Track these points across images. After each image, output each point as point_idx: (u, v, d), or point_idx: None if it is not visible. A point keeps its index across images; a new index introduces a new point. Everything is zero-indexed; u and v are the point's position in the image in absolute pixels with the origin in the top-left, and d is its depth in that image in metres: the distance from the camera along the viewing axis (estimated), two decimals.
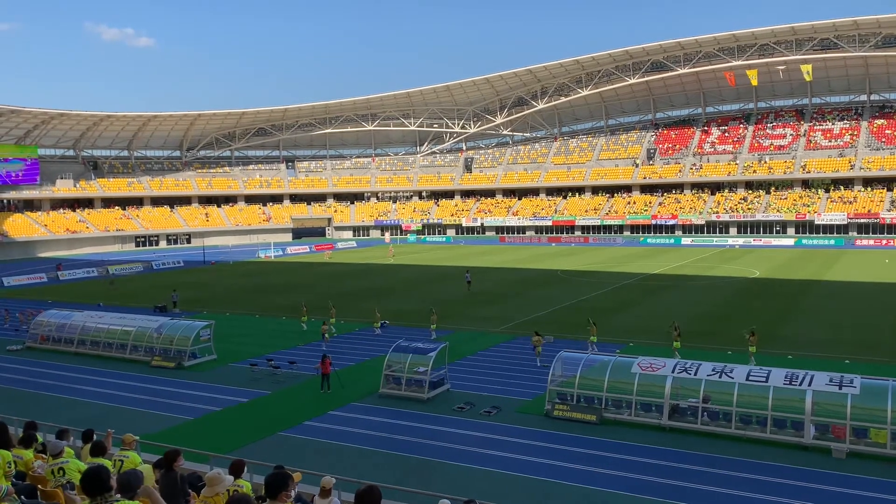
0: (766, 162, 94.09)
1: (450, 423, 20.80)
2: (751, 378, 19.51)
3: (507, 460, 17.75)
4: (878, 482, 15.94)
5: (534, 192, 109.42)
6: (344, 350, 30.83)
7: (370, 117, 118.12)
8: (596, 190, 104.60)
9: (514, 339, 32.57)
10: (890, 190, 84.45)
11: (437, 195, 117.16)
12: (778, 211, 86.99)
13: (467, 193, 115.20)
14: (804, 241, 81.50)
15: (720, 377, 19.81)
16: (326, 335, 31.87)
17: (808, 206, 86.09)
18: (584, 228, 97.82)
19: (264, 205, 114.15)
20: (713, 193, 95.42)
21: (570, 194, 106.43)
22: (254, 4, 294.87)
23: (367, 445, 19.02)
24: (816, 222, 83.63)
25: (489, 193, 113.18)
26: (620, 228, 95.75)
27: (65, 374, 28.31)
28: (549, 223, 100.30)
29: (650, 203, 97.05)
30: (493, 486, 16.01)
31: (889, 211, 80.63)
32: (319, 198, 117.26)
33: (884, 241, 77.56)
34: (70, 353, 31.93)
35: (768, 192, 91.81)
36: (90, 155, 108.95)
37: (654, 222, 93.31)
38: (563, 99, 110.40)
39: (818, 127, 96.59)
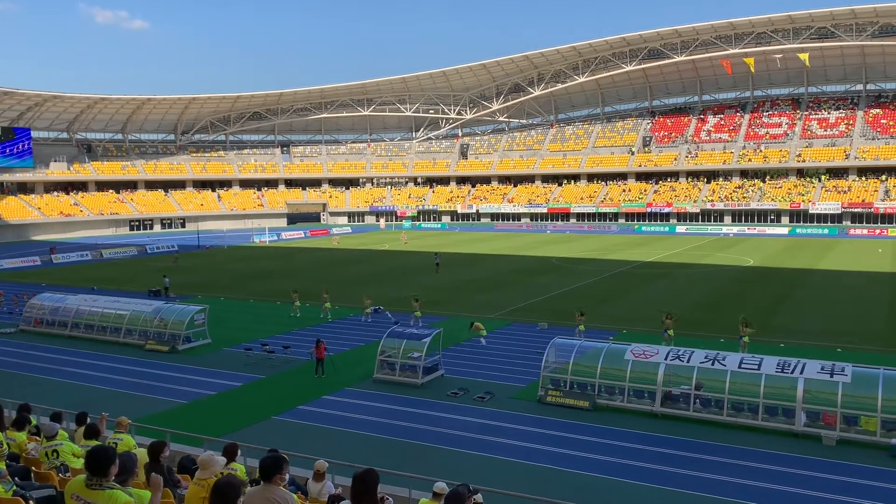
0: (761, 150, 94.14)
1: (443, 408, 20.89)
2: (743, 366, 19.60)
3: (500, 445, 17.84)
4: (867, 469, 16.10)
5: (529, 178, 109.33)
6: (338, 335, 30.87)
7: (366, 102, 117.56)
8: (591, 177, 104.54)
9: (508, 325, 32.65)
10: (884, 180, 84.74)
11: (432, 181, 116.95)
12: (773, 200, 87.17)
13: (463, 180, 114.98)
14: (798, 230, 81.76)
15: (713, 364, 19.89)
16: (326, 314, 33.97)
17: (803, 195, 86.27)
18: (580, 216, 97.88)
19: (259, 189, 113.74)
20: (708, 181, 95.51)
21: (565, 181, 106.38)
22: None
23: (361, 430, 19.09)
24: (811, 211, 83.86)
25: (485, 180, 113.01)
26: (615, 216, 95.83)
27: (59, 357, 28.26)
28: (545, 210, 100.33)
29: (645, 191, 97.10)
30: (486, 471, 16.09)
31: (883, 200, 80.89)
32: (314, 183, 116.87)
33: (877, 231, 77.89)
34: (64, 336, 31.85)
35: (763, 181, 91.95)
36: (84, 138, 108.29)
37: (649, 210, 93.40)
38: (560, 86, 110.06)
39: (814, 116, 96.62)
